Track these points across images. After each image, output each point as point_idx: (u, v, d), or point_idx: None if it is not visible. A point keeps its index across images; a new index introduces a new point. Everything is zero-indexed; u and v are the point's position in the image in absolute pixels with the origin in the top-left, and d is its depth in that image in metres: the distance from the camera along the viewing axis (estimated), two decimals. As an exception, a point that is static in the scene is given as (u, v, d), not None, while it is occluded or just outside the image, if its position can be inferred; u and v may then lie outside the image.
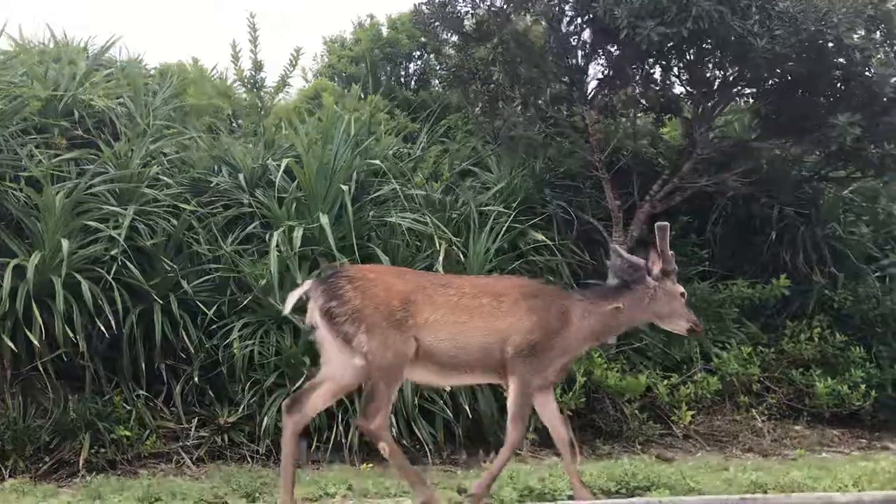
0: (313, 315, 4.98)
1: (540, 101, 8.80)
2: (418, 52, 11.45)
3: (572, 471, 5.23)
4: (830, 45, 7.50)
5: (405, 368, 4.98)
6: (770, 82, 8.42)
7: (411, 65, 11.42)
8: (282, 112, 10.06)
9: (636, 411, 7.87)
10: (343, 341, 4.89)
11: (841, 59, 7.61)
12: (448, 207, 7.86)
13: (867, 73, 7.56)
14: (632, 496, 5.51)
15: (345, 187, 7.35)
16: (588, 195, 9.06)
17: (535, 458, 7.32)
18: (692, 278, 9.11)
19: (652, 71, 8.64)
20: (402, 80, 11.51)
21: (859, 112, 7.61)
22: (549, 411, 5.26)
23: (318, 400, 5.08)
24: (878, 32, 7.85)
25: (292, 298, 5.02)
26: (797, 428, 8.87)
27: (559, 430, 5.23)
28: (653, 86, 8.70)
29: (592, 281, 6.24)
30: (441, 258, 7.12)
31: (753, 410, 8.52)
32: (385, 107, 10.57)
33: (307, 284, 5.07)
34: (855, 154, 8.41)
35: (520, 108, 8.99)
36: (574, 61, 8.68)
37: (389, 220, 7.29)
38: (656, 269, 5.34)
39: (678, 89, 8.86)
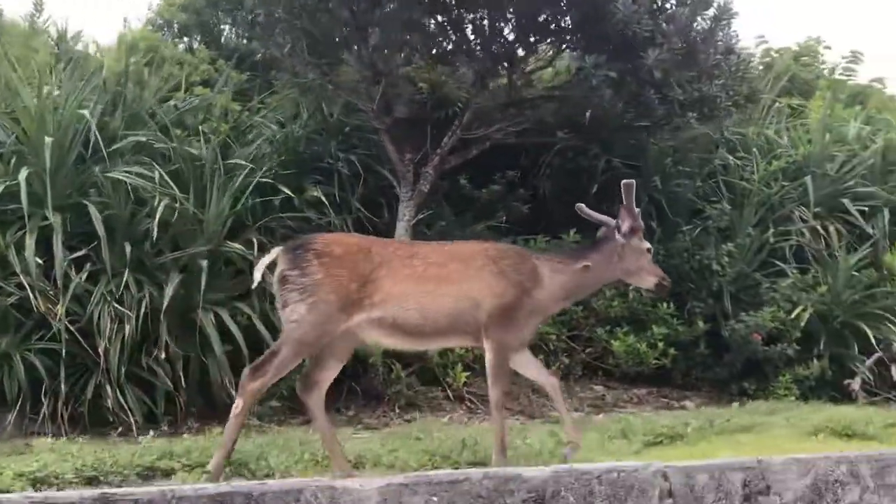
0: (275, 283, 4.99)
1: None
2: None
3: (565, 414, 5.38)
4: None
5: (317, 349, 5.01)
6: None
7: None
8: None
9: (401, 374, 7.53)
10: (281, 305, 4.93)
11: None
12: (189, 160, 7.41)
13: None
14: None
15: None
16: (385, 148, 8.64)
17: (287, 424, 7.01)
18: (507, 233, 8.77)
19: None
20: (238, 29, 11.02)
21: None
22: (532, 368, 5.37)
23: (327, 373, 5.14)
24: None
25: (261, 266, 5.01)
26: (597, 388, 8.59)
27: (546, 378, 5.36)
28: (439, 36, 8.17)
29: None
30: (157, 216, 6.69)
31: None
32: (209, 58, 10.18)
33: (274, 252, 5.03)
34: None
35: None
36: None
37: (110, 175, 6.87)
38: (625, 227, 5.37)
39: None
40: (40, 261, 6.52)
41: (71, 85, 7.62)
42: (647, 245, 5.53)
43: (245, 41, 10.71)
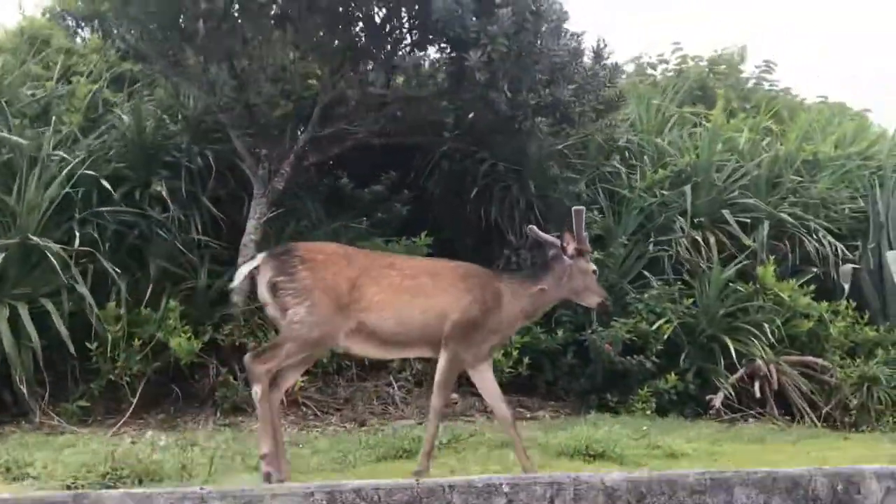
0: (261, 289, 5.21)
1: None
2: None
3: (518, 447, 5.42)
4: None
5: (320, 349, 5.37)
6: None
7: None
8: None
9: (229, 377, 7.33)
10: (280, 310, 5.13)
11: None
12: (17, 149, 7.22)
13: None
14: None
15: None
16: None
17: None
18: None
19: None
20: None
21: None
22: (489, 388, 5.56)
23: (291, 372, 5.36)
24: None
25: (244, 270, 5.36)
26: (454, 395, 8.37)
27: (500, 408, 5.53)
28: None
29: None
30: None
31: (391, 377, 8.02)
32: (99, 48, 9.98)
33: (259, 258, 5.27)
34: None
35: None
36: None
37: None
38: (570, 249, 5.63)
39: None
40: None
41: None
42: (593, 267, 5.80)
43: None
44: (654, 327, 8.40)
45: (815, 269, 9.25)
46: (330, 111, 7.95)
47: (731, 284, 8.87)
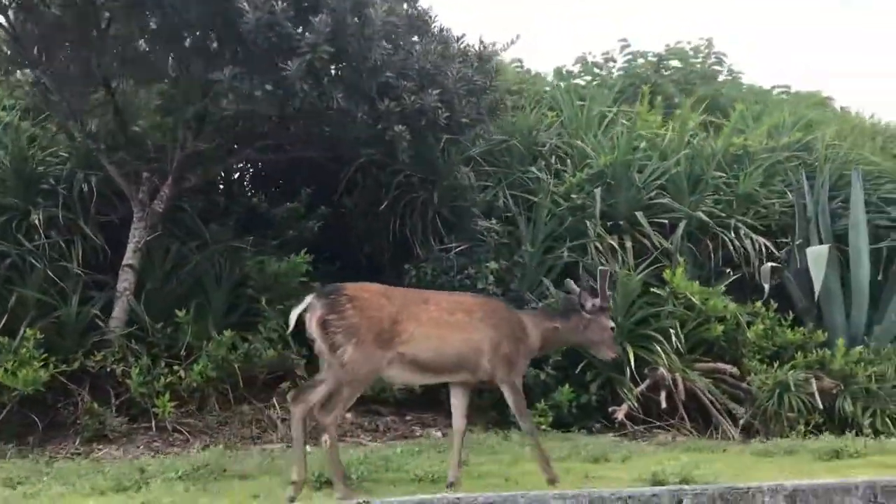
0: (311, 325, 5.53)
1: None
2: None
3: (455, 459, 5.83)
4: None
5: (370, 383, 5.84)
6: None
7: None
8: None
9: (92, 404, 7.22)
10: (329, 349, 5.48)
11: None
12: None
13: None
14: None
15: None
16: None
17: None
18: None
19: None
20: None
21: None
22: (461, 404, 5.93)
23: (319, 394, 5.59)
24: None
25: (296, 313, 5.61)
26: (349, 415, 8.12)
27: (459, 421, 5.91)
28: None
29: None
30: None
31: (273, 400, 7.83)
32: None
33: (308, 299, 5.60)
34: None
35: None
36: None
37: None
38: (588, 306, 6.08)
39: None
40: None
41: None
42: (612, 324, 6.22)
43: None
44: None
45: (729, 271, 8.76)
46: (200, 129, 7.80)
47: (651, 290, 8.47)
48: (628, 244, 8.91)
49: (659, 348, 8.09)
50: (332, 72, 6.80)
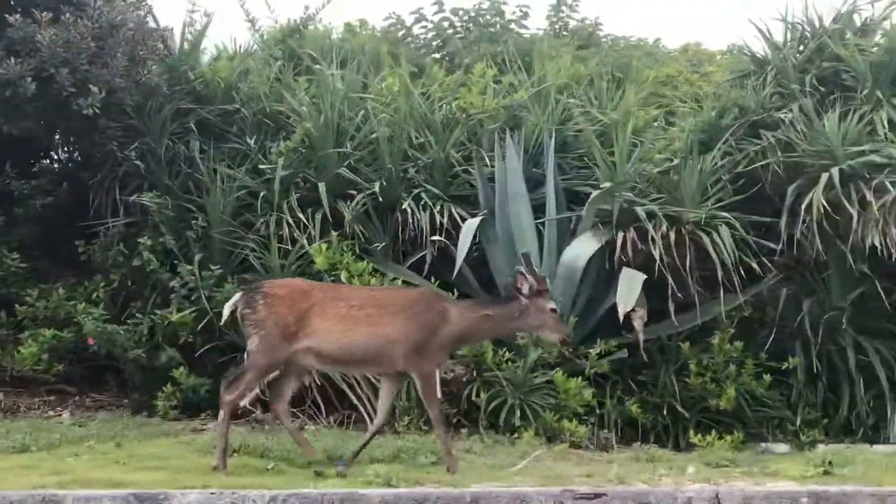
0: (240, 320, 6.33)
1: None
2: None
3: (360, 446, 6.33)
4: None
5: (273, 370, 6.36)
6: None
7: None
8: None
9: None
10: (246, 337, 6.27)
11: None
12: None
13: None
14: None
15: None
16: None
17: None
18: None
19: None
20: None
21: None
22: (388, 397, 6.37)
23: (290, 386, 6.47)
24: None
25: (227, 307, 6.36)
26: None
27: (383, 415, 6.36)
28: None
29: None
30: None
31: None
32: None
33: (238, 296, 6.39)
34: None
35: None
36: None
37: None
38: (525, 290, 6.19)
39: None
40: None
41: None
42: (552, 305, 6.25)
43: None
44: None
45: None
46: None
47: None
48: (319, 216, 8.43)
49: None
50: None
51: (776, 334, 7.88)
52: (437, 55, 10.81)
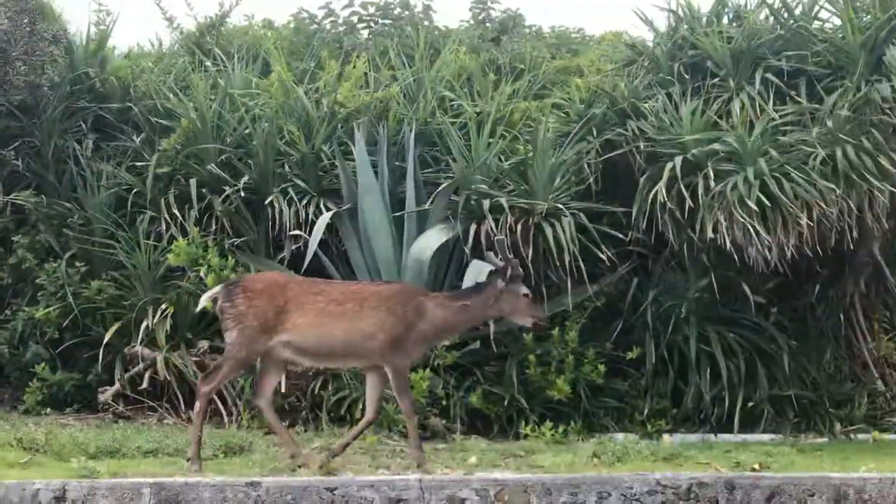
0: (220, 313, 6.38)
1: None
2: None
3: (351, 438, 6.43)
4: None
5: (249, 363, 6.55)
6: None
7: None
8: None
9: None
10: (224, 330, 6.31)
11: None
12: None
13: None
14: None
15: None
16: None
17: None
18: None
19: None
20: None
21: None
22: (375, 392, 6.38)
23: (271, 381, 6.48)
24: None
25: (204, 298, 6.49)
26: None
27: (371, 411, 6.37)
28: None
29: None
30: None
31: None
32: None
33: (218, 288, 6.45)
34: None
35: None
36: None
37: None
38: (505, 275, 6.31)
39: None
40: None
41: None
42: (525, 290, 6.39)
43: None
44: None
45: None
46: None
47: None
48: (194, 214, 8.59)
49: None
50: None
51: (629, 325, 7.87)
52: (342, 50, 10.80)
